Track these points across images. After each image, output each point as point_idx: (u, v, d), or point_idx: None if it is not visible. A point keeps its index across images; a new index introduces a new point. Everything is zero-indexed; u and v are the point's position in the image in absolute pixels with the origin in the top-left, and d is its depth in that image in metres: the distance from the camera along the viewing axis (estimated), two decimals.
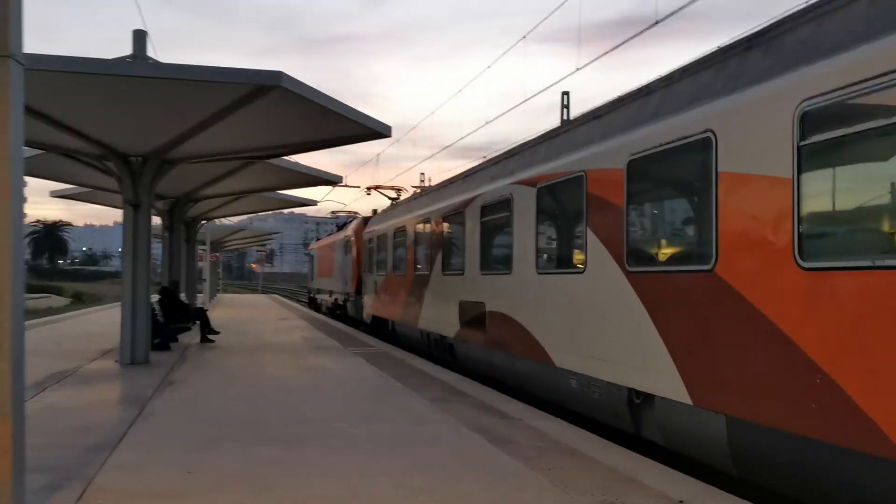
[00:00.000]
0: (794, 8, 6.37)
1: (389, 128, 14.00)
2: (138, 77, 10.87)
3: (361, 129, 13.64)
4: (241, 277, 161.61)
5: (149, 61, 12.25)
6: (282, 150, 15.88)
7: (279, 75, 10.61)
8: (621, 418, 8.28)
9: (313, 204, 28.19)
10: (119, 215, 14.77)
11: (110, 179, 15.08)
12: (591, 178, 8.90)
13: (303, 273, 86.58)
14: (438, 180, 18.90)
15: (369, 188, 30.97)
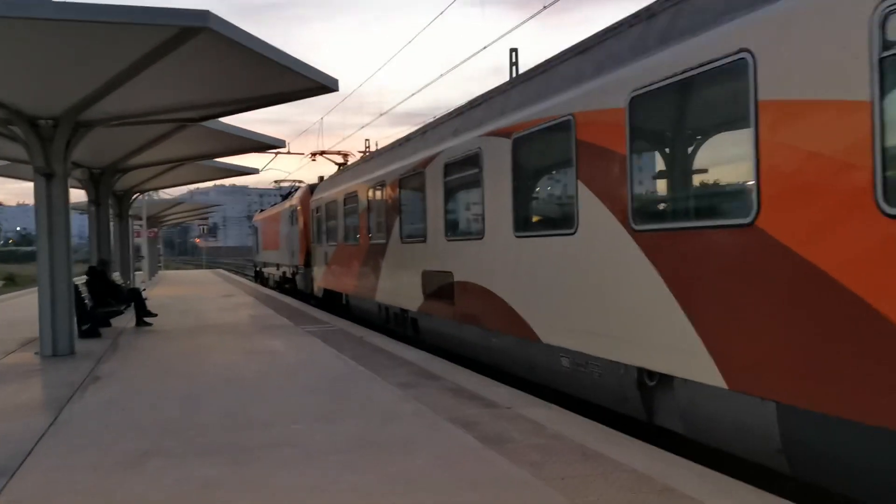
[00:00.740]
0: None
1: (336, 80, 12.51)
2: (39, 20, 9.13)
3: (304, 81, 12.10)
4: (184, 253, 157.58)
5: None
6: (216, 110, 14.18)
7: (206, 15, 9.02)
8: (629, 402, 7.07)
9: (255, 172, 26.40)
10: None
11: (21, 148, 13.23)
12: (582, 122, 7.58)
13: (248, 246, 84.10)
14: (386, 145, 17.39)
15: (314, 154, 29.21)
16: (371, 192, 16.12)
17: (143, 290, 25.86)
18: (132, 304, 16.67)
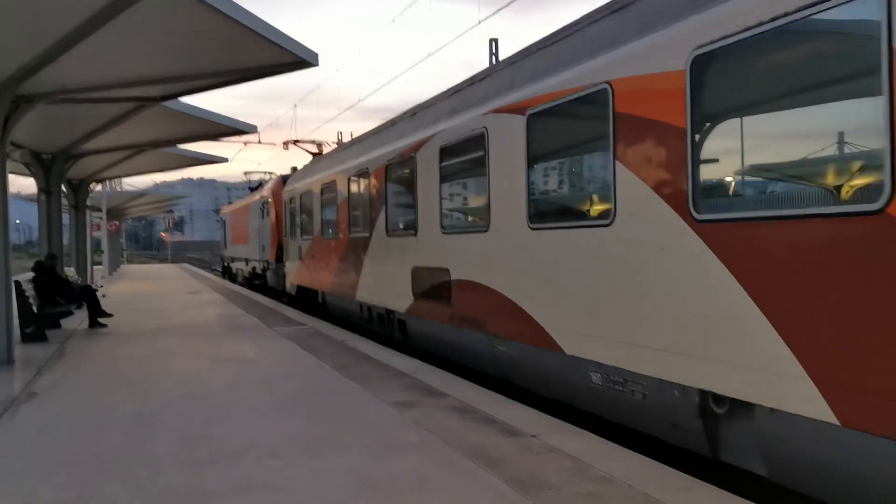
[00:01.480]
0: None
1: (316, 54, 11.12)
2: None
3: (279, 53, 10.70)
4: (149, 247, 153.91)
5: None
6: (179, 87, 12.69)
7: None
8: (684, 431, 5.77)
9: (223, 160, 24.80)
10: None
11: None
12: (622, 91, 6.27)
13: (216, 241, 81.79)
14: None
15: (287, 142, 27.62)
16: (352, 181, 14.68)
17: (99, 288, 24.16)
18: (85, 304, 15.08)
